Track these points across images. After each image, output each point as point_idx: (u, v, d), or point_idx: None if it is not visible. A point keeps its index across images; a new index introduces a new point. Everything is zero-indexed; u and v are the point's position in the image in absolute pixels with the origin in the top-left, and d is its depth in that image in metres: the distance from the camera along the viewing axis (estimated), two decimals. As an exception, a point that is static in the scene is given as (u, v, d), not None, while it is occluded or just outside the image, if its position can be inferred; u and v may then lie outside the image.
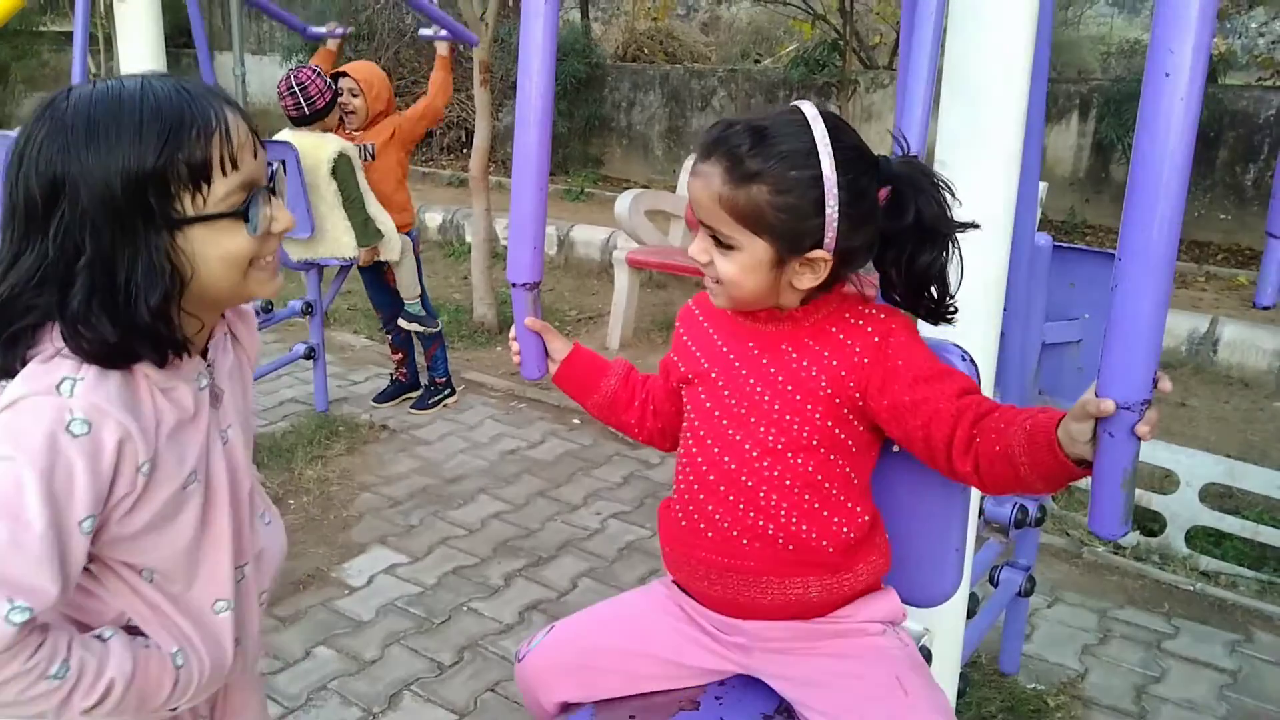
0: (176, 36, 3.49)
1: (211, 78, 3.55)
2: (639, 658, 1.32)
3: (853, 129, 1.17)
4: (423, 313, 4.12)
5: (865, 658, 1.23)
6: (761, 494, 1.21)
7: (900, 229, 1.16)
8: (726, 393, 1.23)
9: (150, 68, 2.73)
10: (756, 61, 9.89)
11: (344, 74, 3.93)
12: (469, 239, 5.37)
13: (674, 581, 1.36)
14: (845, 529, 1.21)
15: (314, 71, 3.79)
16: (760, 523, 1.21)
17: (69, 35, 2.74)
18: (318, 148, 3.67)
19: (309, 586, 2.86)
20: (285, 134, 3.78)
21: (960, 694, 1.84)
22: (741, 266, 1.15)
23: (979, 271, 1.61)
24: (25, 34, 10.22)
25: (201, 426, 1.06)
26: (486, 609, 2.78)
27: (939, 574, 1.29)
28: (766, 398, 1.20)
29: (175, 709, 1.09)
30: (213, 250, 0.99)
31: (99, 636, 1.02)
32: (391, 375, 4.36)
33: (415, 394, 4.28)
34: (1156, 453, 3.26)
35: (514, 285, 1.42)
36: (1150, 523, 3.25)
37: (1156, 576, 3.01)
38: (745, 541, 1.21)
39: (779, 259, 1.14)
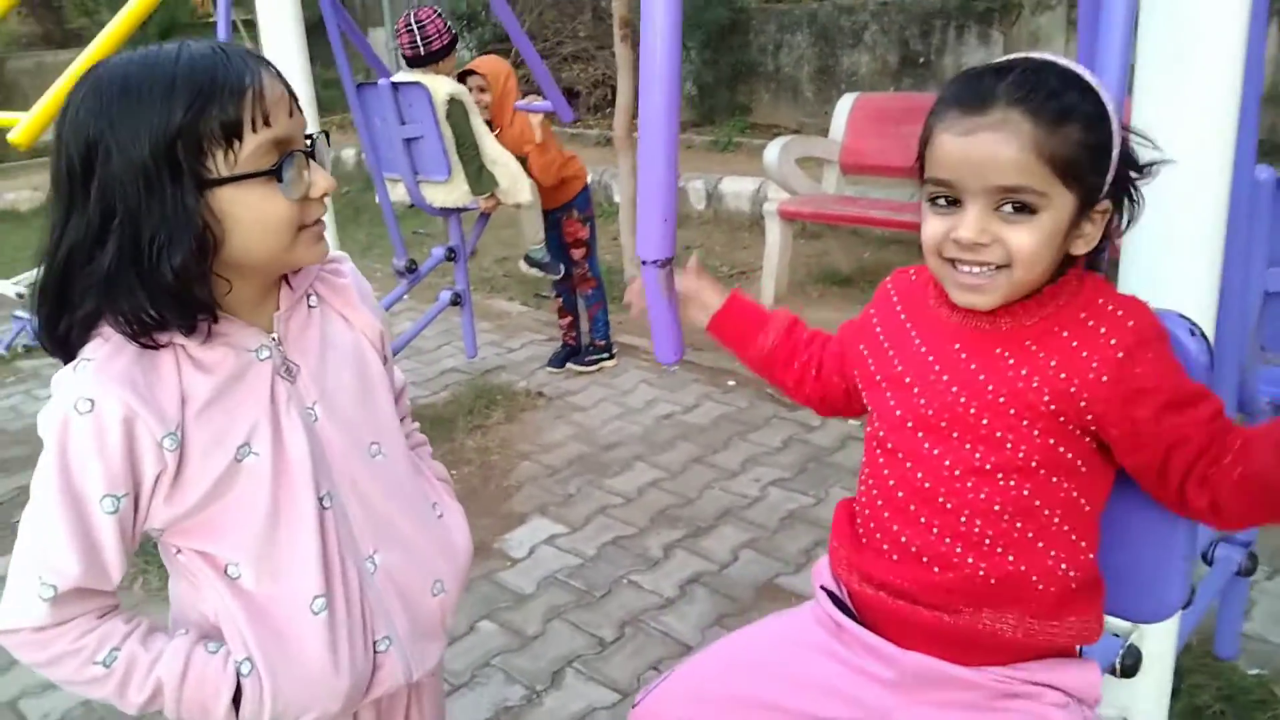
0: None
1: (344, 59, 3.54)
2: (762, 710, 1.18)
3: None
4: (545, 257, 4.09)
5: None
6: (963, 519, 1.03)
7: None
8: (923, 402, 1.06)
9: (292, 50, 2.77)
10: (911, -10, 9.32)
11: (471, 72, 3.94)
12: (617, 199, 5.31)
13: (824, 589, 1.20)
14: (1064, 566, 1.03)
15: (434, 11, 3.75)
16: (958, 550, 1.03)
17: (246, 23, 2.80)
18: (432, 91, 3.62)
19: (474, 559, 2.87)
20: (400, 76, 3.75)
21: (1174, 692, 1.63)
22: (1046, 233, 0.97)
23: (1193, 215, 1.38)
24: (198, 26, 10.81)
25: (258, 399, 1.04)
26: (646, 582, 2.72)
27: (1163, 586, 1.11)
28: (973, 411, 1.02)
29: None
30: (247, 212, 0.97)
31: (175, 636, 1.05)
32: (562, 340, 4.36)
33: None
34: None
35: (644, 263, 1.30)
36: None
37: (1401, 544, 2.64)
38: (937, 570, 1.05)
39: (1077, 216, 0.98)
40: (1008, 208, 0.97)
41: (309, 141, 1.03)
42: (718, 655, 1.28)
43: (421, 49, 3.70)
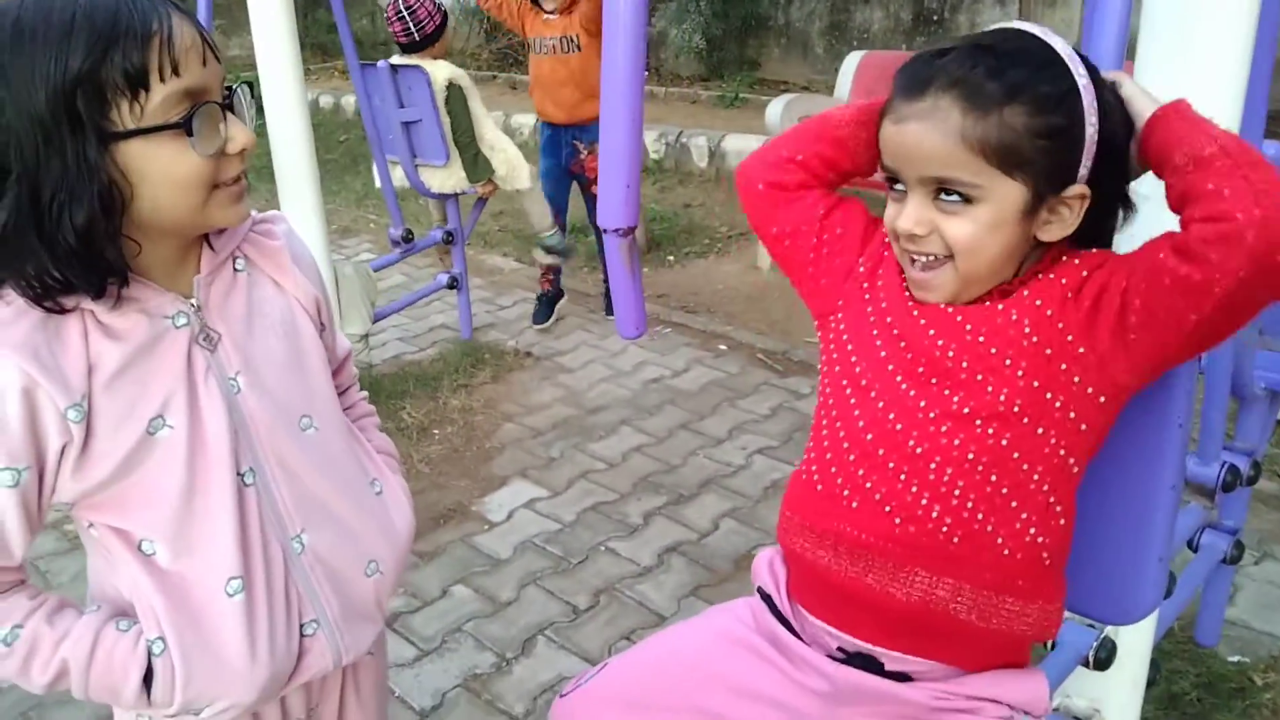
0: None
1: (344, 18, 3.43)
2: (694, 715, 1.14)
3: None
4: (560, 243, 4.01)
5: None
6: (933, 466, 0.96)
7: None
8: (903, 344, 1.00)
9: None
10: (927, -56, 9.06)
11: None
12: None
13: (761, 591, 1.16)
14: (1036, 532, 0.97)
15: None
16: (924, 502, 0.97)
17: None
18: (431, 76, 3.53)
19: (450, 521, 2.84)
20: (397, 59, 3.66)
21: (1151, 683, 1.59)
22: (984, 224, 0.93)
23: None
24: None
25: (173, 369, 0.98)
26: (624, 549, 2.69)
27: (1135, 588, 1.05)
28: (951, 354, 0.97)
29: (193, 709, 1.02)
30: (156, 168, 0.90)
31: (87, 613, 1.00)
32: (541, 290, 4.24)
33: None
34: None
35: (605, 231, 1.25)
36: (1388, 467, 2.80)
37: (1394, 532, 2.59)
38: (899, 521, 0.97)
39: (1032, 204, 0.93)
40: (945, 196, 0.94)
41: (228, 93, 0.96)
42: (651, 654, 1.22)
43: (416, 34, 3.62)
